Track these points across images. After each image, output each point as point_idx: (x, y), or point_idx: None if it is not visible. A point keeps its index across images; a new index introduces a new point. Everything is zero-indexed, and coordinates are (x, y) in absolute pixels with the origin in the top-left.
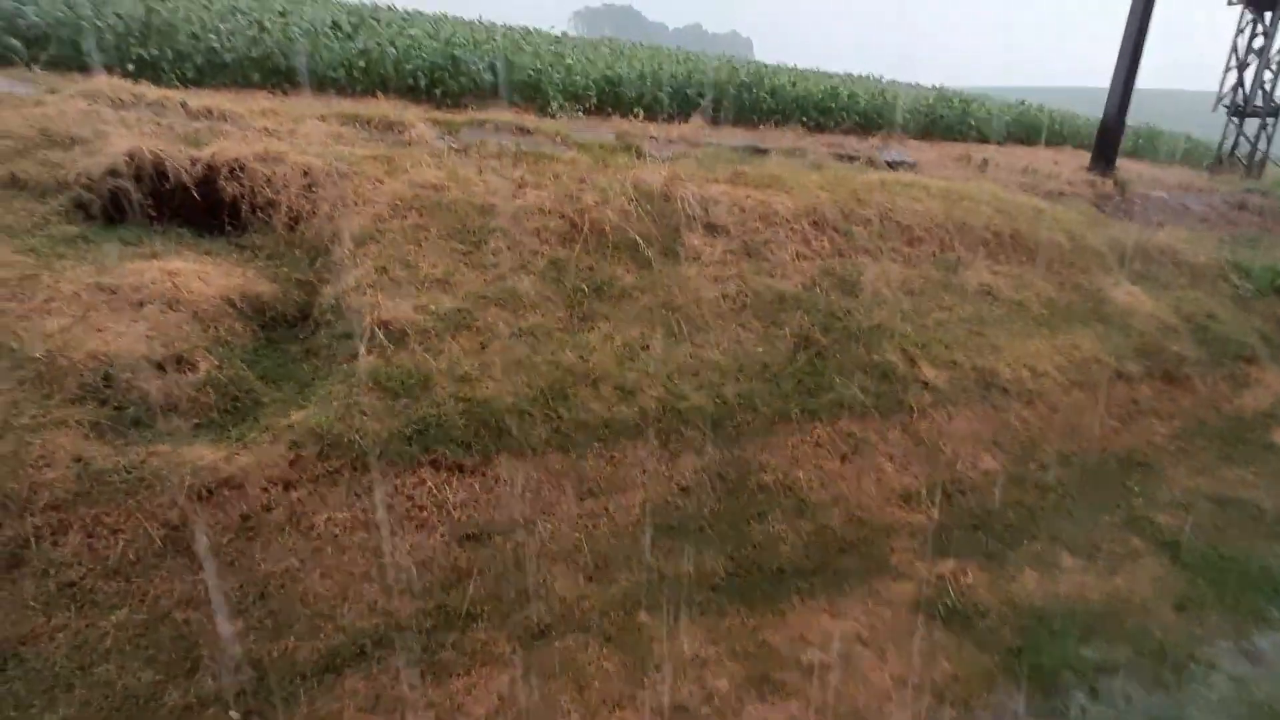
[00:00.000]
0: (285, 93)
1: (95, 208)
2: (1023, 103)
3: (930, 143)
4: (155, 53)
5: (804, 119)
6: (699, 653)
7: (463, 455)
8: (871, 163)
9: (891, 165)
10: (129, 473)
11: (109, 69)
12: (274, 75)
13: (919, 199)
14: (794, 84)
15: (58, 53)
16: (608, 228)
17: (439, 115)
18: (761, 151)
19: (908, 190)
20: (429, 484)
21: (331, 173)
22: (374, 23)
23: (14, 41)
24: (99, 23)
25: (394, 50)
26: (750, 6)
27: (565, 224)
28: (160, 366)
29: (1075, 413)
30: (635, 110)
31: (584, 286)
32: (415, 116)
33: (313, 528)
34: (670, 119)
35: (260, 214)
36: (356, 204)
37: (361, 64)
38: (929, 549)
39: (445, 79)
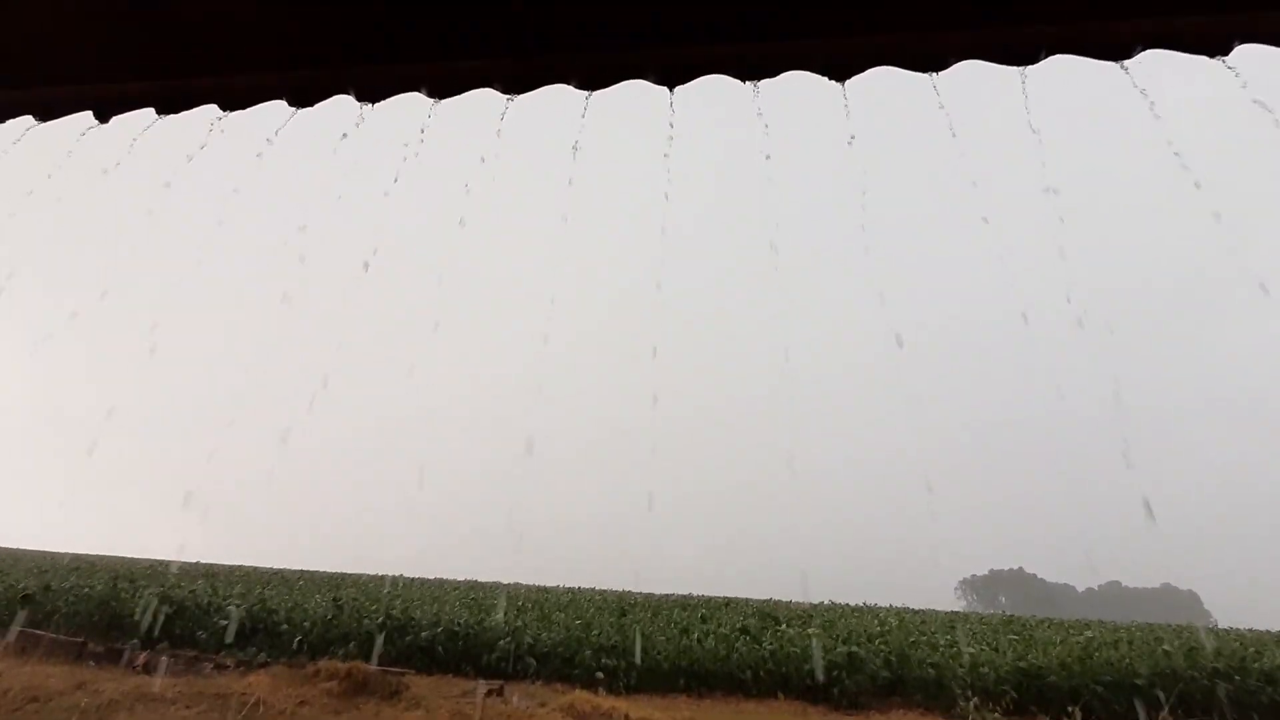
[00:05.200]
0: (704, 696)
1: None
2: None
3: None
4: (615, 663)
5: None
6: None
7: None
8: None
9: None
10: None
11: (582, 683)
12: (694, 679)
13: None
14: None
15: (557, 666)
16: None
17: None
18: None
19: None
20: None
21: None
22: (776, 625)
23: (531, 660)
24: (587, 643)
25: (795, 650)
26: (1185, 553)
27: None
28: None
29: None
30: (1069, 711)
31: None
32: None
33: None
34: None
35: None
36: None
37: (768, 667)
38: None
39: (843, 678)
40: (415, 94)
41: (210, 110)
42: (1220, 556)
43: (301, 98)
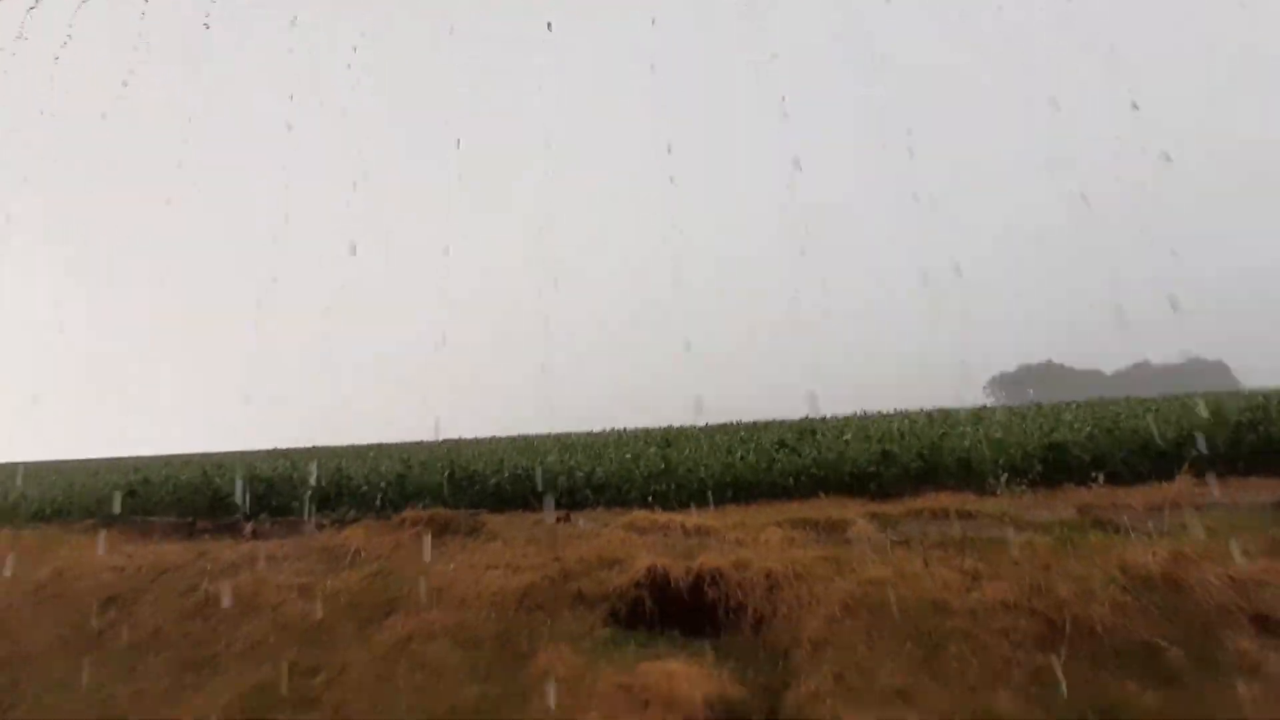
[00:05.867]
0: (749, 504)
1: (623, 614)
2: None
3: None
4: (665, 487)
5: None
6: None
7: None
8: None
9: None
10: None
11: (639, 504)
12: (741, 490)
13: None
14: None
15: (614, 495)
16: (1099, 627)
17: (877, 508)
18: None
19: None
20: None
21: (788, 575)
22: (813, 436)
23: (589, 492)
24: (636, 473)
25: (831, 456)
26: (1211, 323)
27: (1039, 623)
28: None
29: None
30: (1094, 476)
31: (1086, 710)
32: (855, 513)
33: None
34: (1143, 481)
35: (732, 616)
36: (811, 605)
37: (807, 473)
38: None
39: (879, 473)
40: None
41: None
42: (1246, 322)
43: None
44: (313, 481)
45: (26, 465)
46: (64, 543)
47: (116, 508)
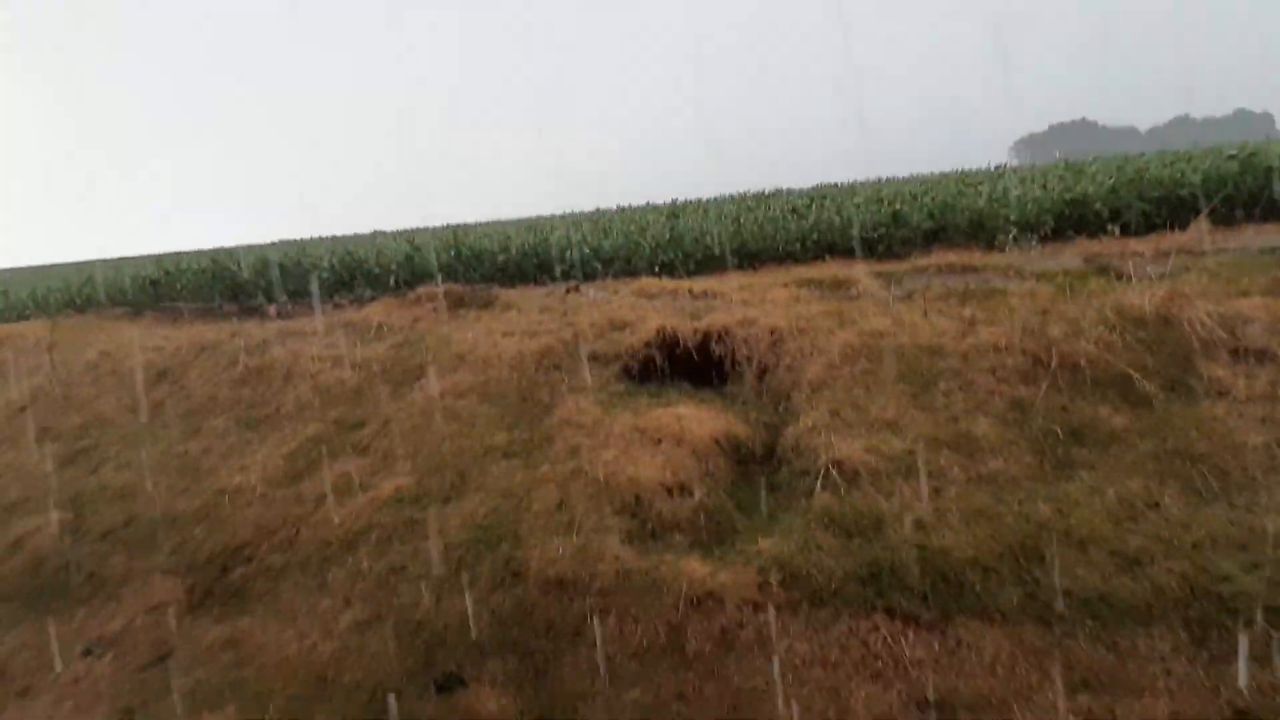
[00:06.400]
0: (756, 269)
1: (634, 370)
2: None
3: None
4: (672, 256)
5: None
6: None
7: (919, 608)
8: None
9: None
10: (647, 575)
11: (648, 272)
12: (748, 257)
13: None
14: None
15: (622, 266)
16: (1082, 361)
17: (882, 268)
18: None
19: None
20: (883, 632)
21: (792, 330)
22: (822, 201)
23: (597, 264)
24: (643, 243)
25: (839, 220)
26: (1265, 74)
27: (1026, 360)
28: (669, 491)
29: None
30: (1108, 229)
31: (1056, 429)
32: (860, 273)
33: (774, 654)
34: (1158, 231)
35: (738, 368)
36: (812, 355)
37: (814, 237)
38: None
39: (888, 234)
40: None
41: None
42: None
43: None
44: (326, 264)
45: (40, 267)
46: (100, 329)
47: (144, 296)
